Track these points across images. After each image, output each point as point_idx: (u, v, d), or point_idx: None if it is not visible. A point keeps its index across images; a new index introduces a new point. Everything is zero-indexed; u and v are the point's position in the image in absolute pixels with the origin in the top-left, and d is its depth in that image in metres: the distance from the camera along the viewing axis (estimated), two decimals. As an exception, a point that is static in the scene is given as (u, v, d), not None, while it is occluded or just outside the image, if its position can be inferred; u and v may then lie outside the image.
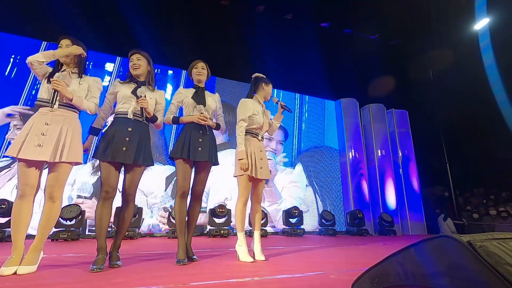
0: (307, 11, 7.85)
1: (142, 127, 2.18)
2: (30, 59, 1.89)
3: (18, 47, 5.45)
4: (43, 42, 5.55)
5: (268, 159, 6.74)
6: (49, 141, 1.83)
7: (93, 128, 2.20)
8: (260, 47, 7.37)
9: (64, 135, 1.89)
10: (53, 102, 1.88)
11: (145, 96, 2.15)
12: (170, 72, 6.67)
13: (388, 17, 7.99)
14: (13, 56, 5.39)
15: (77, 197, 5.09)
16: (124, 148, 2.04)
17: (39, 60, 1.90)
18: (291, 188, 7.02)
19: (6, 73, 5.24)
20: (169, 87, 6.57)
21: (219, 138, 6.47)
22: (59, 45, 2.07)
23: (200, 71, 2.56)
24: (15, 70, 5.30)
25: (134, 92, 2.15)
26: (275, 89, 7.66)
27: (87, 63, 2.26)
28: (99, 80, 2.18)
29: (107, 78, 5.97)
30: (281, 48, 7.99)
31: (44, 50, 5.57)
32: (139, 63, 2.24)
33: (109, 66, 6.07)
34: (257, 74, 2.80)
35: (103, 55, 6.07)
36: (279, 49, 7.90)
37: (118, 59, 6.17)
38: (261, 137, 2.66)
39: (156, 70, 6.92)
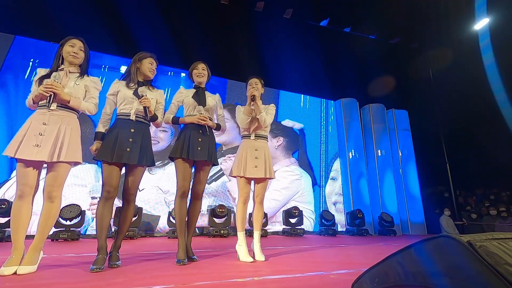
0: (306, 10, 7.85)
1: (144, 128, 2.19)
2: (28, 105, 1.97)
3: (37, 51, 5.49)
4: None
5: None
6: (47, 141, 1.82)
7: (98, 132, 2.14)
8: (259, 48, 7.37)
9: (62, 135, 1.88)
10: (50, 102, 1.86)
11: (146, 95, 2.16)
12: (183, 74, 6.72)
13: (388, 16, 7.99)
14: (32, 59, 5.43)
15: (91, 199, 5.13)
16: (128, 149, 2.06)
17: (32, 104, 1.94)
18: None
19: (26, 77, 5.26)
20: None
21: (236, 141, 6.56)
22: (70, 45, 2.04)
23: (201, 72, 2.57)
24: (34, 73, 5.35)
25: (135, 93, 2.15)
26: (276, 89, 7.65)
27: (103, 66, 2.29)
28: (97, 80, 2.15)
29: None
30: (281, 48, 7.99)
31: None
32: (155, 70, 2.33)
33: (124, 69, 6.12)
34: None
35: (117, 58, 6.12)
36: (278, 49, 7.90)
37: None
38: (255, 137, 2.61)
39: (169, 72, 6.98)
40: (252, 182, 2.62)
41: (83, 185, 5.16)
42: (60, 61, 2.05)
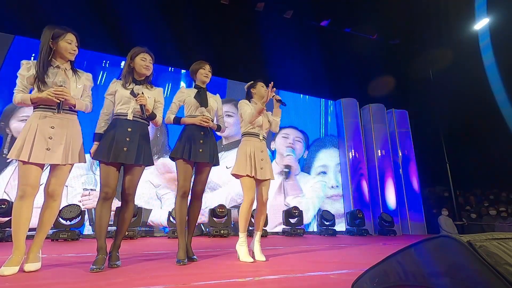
0: (306, 10, 7.85)
1: (141, 127, 2.17)
2: (17, 102, 1.91)
3: (36, 51, 5.44)
4: None
5: (288, 154, 6.43)
6: (57, 145, 1.87)
7: (98, 134, 2.14)
8: (259, 48, 7.37)
9: (69, 138, 1.93)
10: (60, 108, 1.88)
11: (142, 93, 2.14)
12: (183, 71, 6.75)
13: (388, 17, 7.99)
14: (32, 58, 5.42)
15: (83, 190, 5.14)
16: (125, 149, 2.04)
17: (28, 104, 1.90)
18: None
19: None
20: (183, 85, 6.72)
21: (238, 136, 6.62)
22: (68, 42, 1.98)
23: (207, 74, 2.57)
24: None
25: (132, 92, 2.13)
26: (276, 89, 7.64)
27: (104, 61, 2.28)
28: (91, 77, 2.18)
29: None
30: (281, 48, 7.98)
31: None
32: (151, 66, 2.27)
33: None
34: (247, 85, 2.84)
35: (117, 58, 6.15)
36: (278, 49, 7.89)
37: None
38: (262, 137, 2.65)
39: (170, 68, 7.01)
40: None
41: (78, 180, 5.19)
42: (50, 55, 1.98)
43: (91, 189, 5.18)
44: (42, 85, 1.88)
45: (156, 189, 5.65)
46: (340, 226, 7.07)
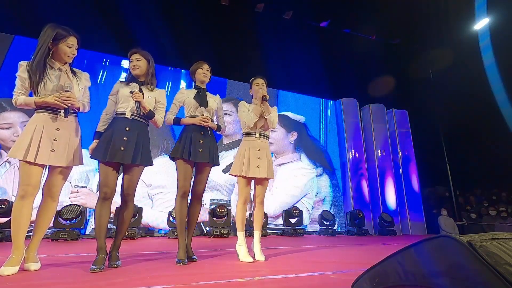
0: (306, 11, 7.86)
1: (140, 127, 2.16)
2: (19, 104, 1.87)
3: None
4: None
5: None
6: (61, 147, 1.89)
7: (98, 132, 2.14)
8: (259, 48, 7.37)
9: (72, 141, 1.95)
10: (68, 113, 1.91)
11: (140, 90, 2.13)
12: (183, 70, 6.77)
13: (388, 17, 7.99)
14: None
15: (74, 187, 5.12)
16: (122, 148, 2.03)
17: (32, 107, 1.88)
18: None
19: None
20: (183, 84, 6.73)
21: (238, 135, 6.64)
22: (68, 46, 1.95)
23: (206, 73, 2.57)
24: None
25: (131, 91, 2.13)
26: (276, 89, 7.64)
27: (104, 60, 2.27)
28: (88, 76, 2.18)
29: (123, 74, 6.06)
30: (281, 48, 7.99)
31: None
32: (138, 64, 2.22)
33: (125, 63, 6.15)
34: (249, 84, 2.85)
35: (118, 58, 6.18)
36: (278, 49, 7.90)
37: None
38: (259, 135, 2.62)
39: (170, 67, 6.97)
40: (252, 182, 2.62)
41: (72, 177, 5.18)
42: (48, 56, 1.94)
43: (82, 186, 5.16)
44: (44, 88, 1.87)
45: (147, 189, 5.61)
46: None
